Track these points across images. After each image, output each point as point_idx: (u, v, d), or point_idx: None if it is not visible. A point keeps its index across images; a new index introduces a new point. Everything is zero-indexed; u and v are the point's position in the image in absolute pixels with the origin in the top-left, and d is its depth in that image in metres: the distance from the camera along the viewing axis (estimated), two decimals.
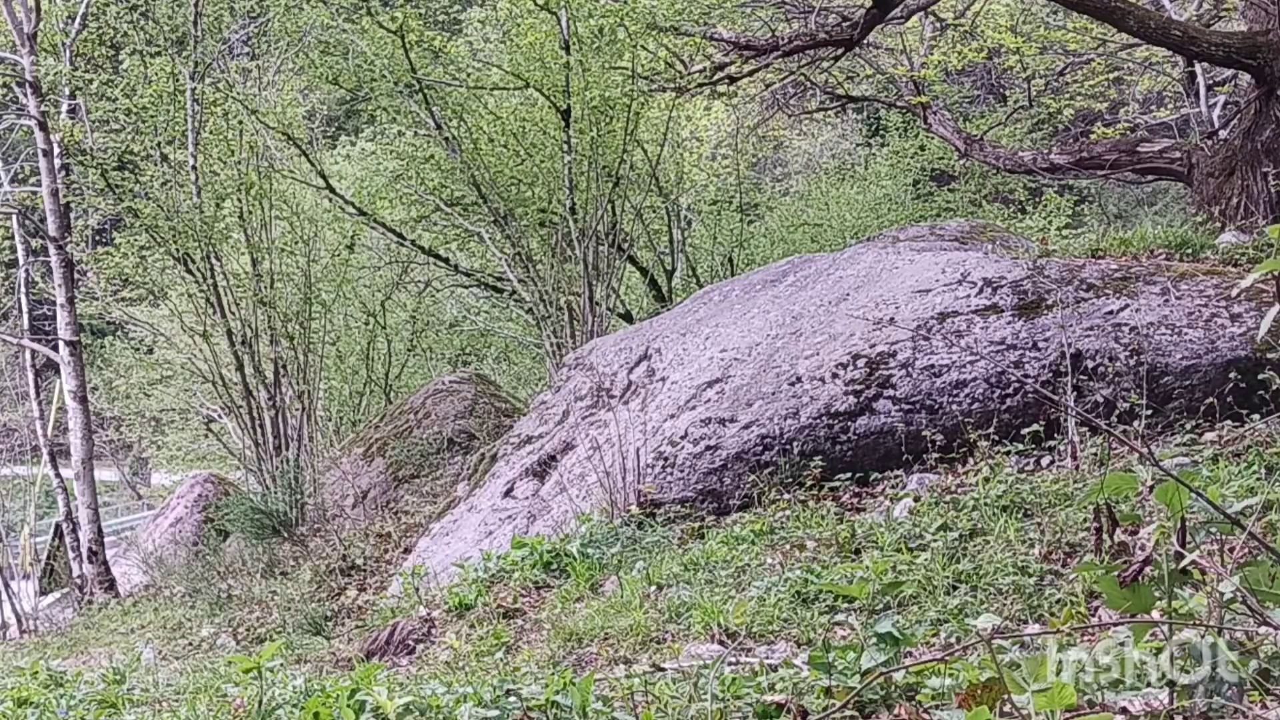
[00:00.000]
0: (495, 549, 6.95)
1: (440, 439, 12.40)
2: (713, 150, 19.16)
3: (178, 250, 12.63)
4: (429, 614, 6.13)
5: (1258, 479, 4.90)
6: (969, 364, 6.56)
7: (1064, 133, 18.91)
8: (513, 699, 3.51)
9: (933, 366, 6.66)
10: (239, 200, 12.66)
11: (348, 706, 3.44)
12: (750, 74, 13.94)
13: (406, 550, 9.49)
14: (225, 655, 7.21)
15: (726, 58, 13.64)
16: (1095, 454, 5.69)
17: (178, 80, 12.83)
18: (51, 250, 13.93)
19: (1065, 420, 5.98)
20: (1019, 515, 5.19)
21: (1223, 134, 11.73)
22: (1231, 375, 6.05)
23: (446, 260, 15.68)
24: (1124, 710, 2.64)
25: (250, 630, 8.56)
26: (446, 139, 12.83)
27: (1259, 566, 2.63)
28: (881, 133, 21.53)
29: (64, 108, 14.34)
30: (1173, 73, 16.51)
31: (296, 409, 12.62)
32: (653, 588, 5.31)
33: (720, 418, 6.99)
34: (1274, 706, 2.47)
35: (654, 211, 15.84)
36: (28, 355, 16.87)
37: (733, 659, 4.06)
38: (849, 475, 6.48)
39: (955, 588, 4.53)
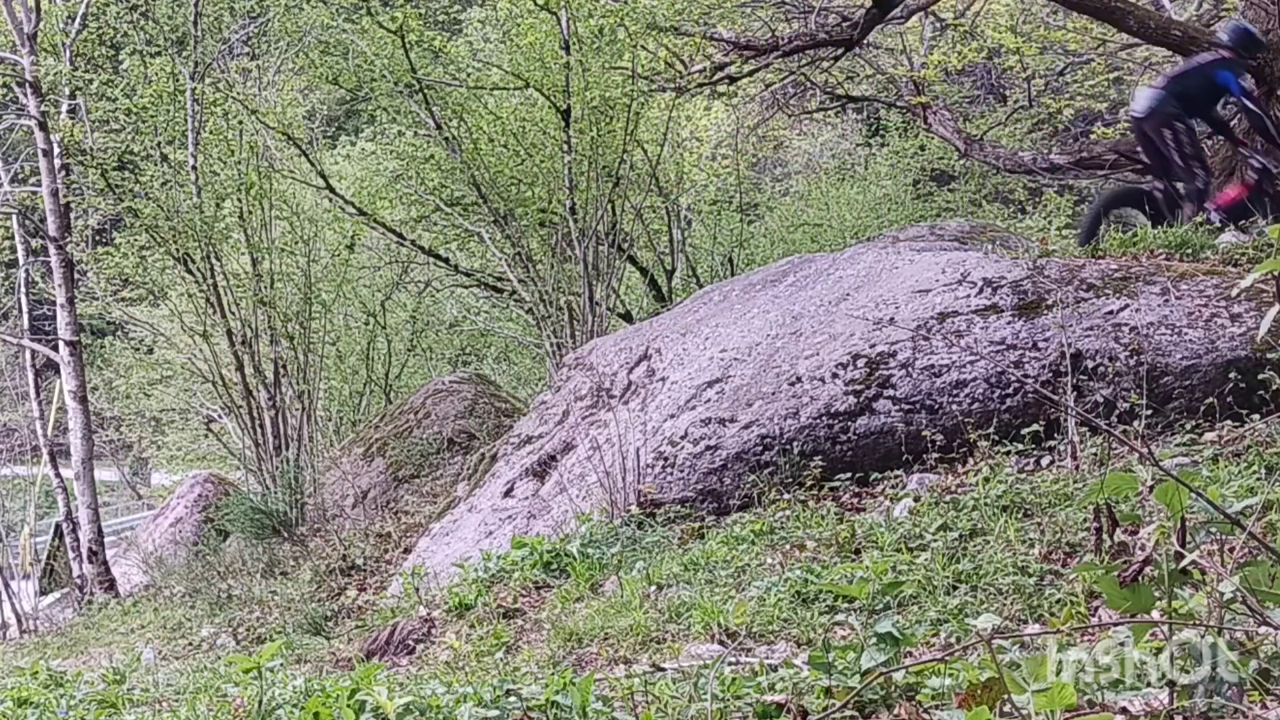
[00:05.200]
0: (495, 549, 6.95)
1: (440, 439, 12.40)
2: (713, 150, 19.14)
3: (178, 250, 12.62)
4: (429, 614, 6.13)
5: (1258, 479, 4.90)
6: (969, 364, 6.56)
7: (1064, 133, 18.89)
8: (513, 699, 3.51)
9: (933, 366, 6.66)
10: (239, 200, 12.65)
11: (348, 706, 3.44)
12: (750, 74, 13.95)
13: (406, 550, 9.49)
14: (225, 655, 7.21)
15: (726, 58, 13.64)
16: (1095, 454, 5.69)
17: (178, 80, 12.83)
18: (51, 250, 13.93)
19: (1065, 420, 5.97)
20: (1019, 515, 5.19)
21: None
22: (1231, 375, 6.05)
23: (446, 260, 15.68)
24: (1124, 710, 2.64)
25: (250, 630, 8.55)
26: (446, 139, 12.83)
27: (1259, 566, 2.63)
28: (881, 133, 21.51)
29: (64, 108, 14.33)
30: None
31: (296, 409, 12.62)
32: (653, 588, 5.31)
33: (720, 418, 6.99)
34: (1274, 706, 2.47)
35: (654, 211, 15.83)
36: (28, 355, 16.87)
37: (733, 659, 4.06)
38: (849, 475, 6.48)
39: (955, 588, 4.53)
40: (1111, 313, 6.61)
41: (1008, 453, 6.07)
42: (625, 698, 3.56)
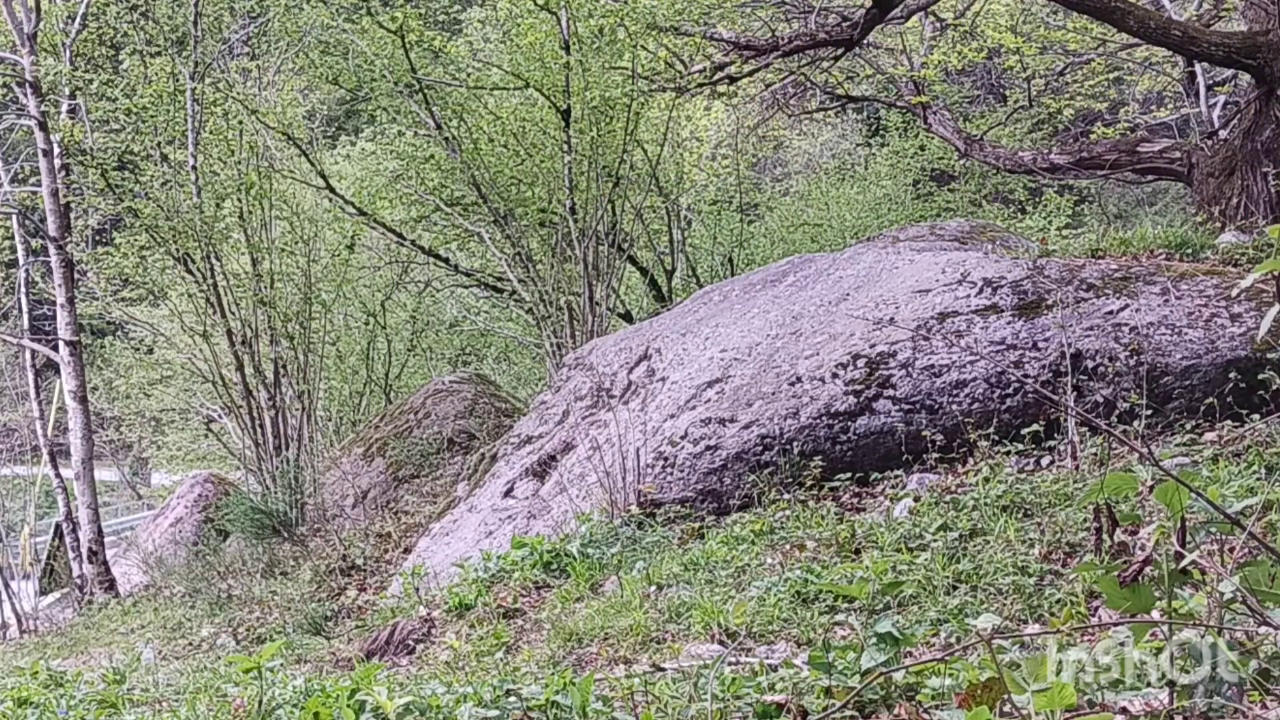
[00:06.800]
0: (495, 549, 6.95)
1: (440, 439, 12.40)
2: (713, 150, 19.14)
3: (178, 250, 12.62)
4: (429, 614, 6.13)
5: (1258, 479, 4.90)
6: (969, 364, 6.56)
7: (1064, 133, 18.88)
8: (513, 699, 3.51)
9: (933, 366, 6.66)
10: (239, 200, 12.65)
11: (348, 706, 3.44)
12: (750, 74, 13.94)
13: (406, 550, 9.49)
14: (225, 655, 7.21)
15: (726, 58, 13.64)
16: (1095, 454, 5.69)
17: (178, 80, 12.83)
18: (51, 250, 13.93)
19: (1065, 420, 5.98)
20: (1019, 515, 5.19)
21: (1223, 134, 11.73)
22: (1231, 375, 6.05)
23: (446, 260, 15.67)
24: (1124, 710, 2.64)
25: (250, 630, 8.56)
26: (446, 139, 12.83)
27: (1259, 566, 2.63)
28: (881, 133, 21.52)
29: (64, 108, 14.32)
30: (1173, 73, 16.52)
31: (296, 409, 12.61)
32: (653, 588, 5.31)
33: (720, 418, 6.99)
34: (1274, 706, 2.47)
35: (654, 211, 15.83)
36: (28, 355, 16.87)
37: (733, 659, 4.06)
38: (849, 475, 6.48)
39: (955, 588, 4.53)
40: (1111, 313, 6.61)
41: (1008, 453, 6.07)
42: (625, 698, 3.56)
